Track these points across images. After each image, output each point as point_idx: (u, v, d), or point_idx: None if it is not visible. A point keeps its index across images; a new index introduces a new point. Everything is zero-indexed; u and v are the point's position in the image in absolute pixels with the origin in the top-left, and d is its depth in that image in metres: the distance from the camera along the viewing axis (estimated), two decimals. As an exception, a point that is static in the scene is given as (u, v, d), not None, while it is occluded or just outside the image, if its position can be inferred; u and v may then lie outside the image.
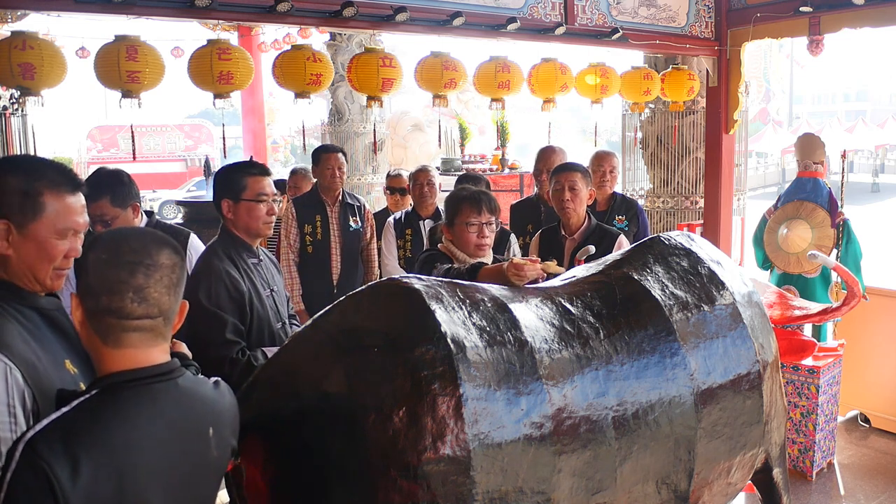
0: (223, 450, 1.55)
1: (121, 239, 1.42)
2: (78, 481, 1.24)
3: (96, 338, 1.39)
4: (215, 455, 1.51)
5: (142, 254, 1.39)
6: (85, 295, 1.39)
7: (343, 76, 7.19)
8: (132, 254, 1.38)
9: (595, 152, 4.58)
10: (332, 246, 4.36)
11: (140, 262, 1.38)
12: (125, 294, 1.36)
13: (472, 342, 1.79)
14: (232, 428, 1.60)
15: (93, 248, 1.42)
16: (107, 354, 1.39)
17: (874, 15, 4.79)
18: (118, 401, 1.34)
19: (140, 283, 1.37)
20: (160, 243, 1.43)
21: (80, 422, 1.30)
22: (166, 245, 1.44)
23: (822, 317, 2.83)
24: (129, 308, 1.37)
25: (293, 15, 3.86)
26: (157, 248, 1.41)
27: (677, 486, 2.11)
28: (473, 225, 2.83)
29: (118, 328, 1.37)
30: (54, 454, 1.23)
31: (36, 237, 1.57)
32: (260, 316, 2.62)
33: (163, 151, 24.14)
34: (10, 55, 3.24)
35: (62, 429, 1.28)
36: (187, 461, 1.43)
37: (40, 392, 1.47)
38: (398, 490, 1.64)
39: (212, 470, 1.53)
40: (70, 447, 1.25)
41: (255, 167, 2.73)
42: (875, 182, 25.84)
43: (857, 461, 4.33)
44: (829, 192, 5.02)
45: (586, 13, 4.93)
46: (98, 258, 1.39)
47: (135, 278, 1.37)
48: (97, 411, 1.32)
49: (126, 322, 1.37)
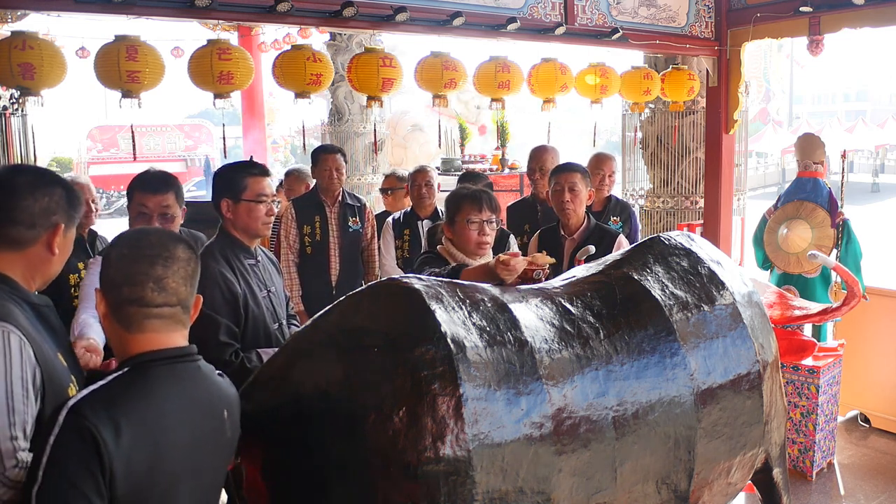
0: (234, 433, 1.66)
1: (141, 236, 1.57)
2: (120, 445, 1.33)
3: (119, 327, 1.50)
4: (229, 436, 1.62)
5: (160, 248, 1.52)
6: (108, 288, 1.50)
7: (343, 76, 7.18)
8: (151, 248, 1.51)
9: (594, 154, 4.58)
10: (331, 246, 4.35)
11: (159, 255, 1.51)
12: (146, 284, 1.48)
13: (472, 342, 1.79)
14: (239, 415, 1.70)
15: (114, 245, 1.56)
16: (131, 340, 1.49)
17: (874, 15, 4.79)
18: (149, 377, 1.45)
19: (159, 274, 1.49)
20: (176, 239, 1.57)
21: (119, 393, 1.40)
22: (181, 241, 1.58)
23: (822, 317, 2.83)
24: (149, 296, 1.48)
25: (293, 15, 3.85)
26: (173, 243, 1.55)
27: (677, 486, 2.12)
28: (474, 223, 2.84)
29: (140, 315, 1.48)
30: (99, 418, 1.32)
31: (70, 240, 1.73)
32: (255, 317, 2.62)
33: (163, 151, 24.10)
34: (10, 55, 3.24)
35: (103, 398, 1.37)
36: (207, 439, 1.54)
37: (47, 373, 1.54)
38: (398, 490, 1.64)
39: (225, 450, 1.63)
40: (113, 413, 1.34)
41: (256, 167, 2.73)
42: (875, 182, 25.82)
43: (857, 461, 4.33)
44: (829, 192, 5.02)
45: (586, 13, 4.93)
46: (120, 253, 1.52)
47: (154, 269, 1.49)
48: (132, 385, 1.42)
49: (147, 310, 1.49)
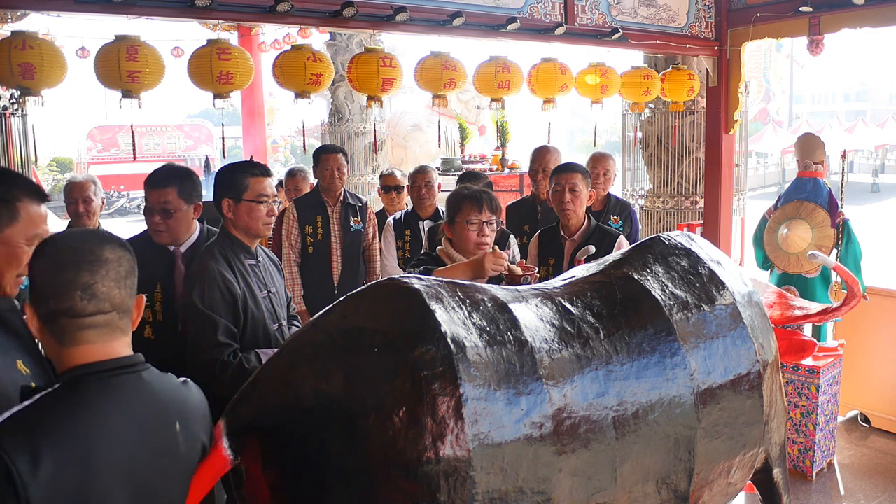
0: (192, 446, 1.54)
1: (60, 241, 1.44)
2: (39, 473, 1.24)
3: (53, 341, 1.40)
4: (183, 451, 1.51)
5: (82, 251, 1.40)
6: (36, 302, 1.40)
7: (343, 76, 7.20)
8: (73, 253, 1.40)
9: (591, 154, 4.59)
10: (333, 246, 4.36)
11: (83, 259, 1.39)
12: (73, 293, 1.37)
13: (472, 342, 1.79)
14: (202, 425, 1.60)
15: (37, 256, 1.44)
16: (66, 354, 1.39)
17: (874, 15, 4.79)
18: (80, 393, 1.35)
19: (86, 281, 1.38)
20: (101, 239, 1.45)
21: (43, 414, 1.31)
22: (109, 240, 1.45)
23: (822, 317, 2.83)
24: (79, 306, 1.38)
25: (293, 15, 3.86)
26: (97, 244, 1.42)
27: (677, 486, 2.12)
28: (474, 223, 2.84)
29: (72, 327, 1.38)
30: (15, 446, 1.24)
31: (9, 242, 1.63)
32: (255, 318, 2.63)
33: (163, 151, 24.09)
34: (10, 55, 3.24)
35: (24, 421, 1.29)
36: (153, 455, 1.43)
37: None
38: (398, 490, 1.64)
39: (180, 466, 1.52)
40: (32, 439, 1.26)
41: (257, 168, 2.74)
42: (875, 182, 25.83)
43: (857, 461, 4.33)
44: (829, 192, 5.02)
45: (586, 13, 4.94)
46: (42, 264, 1.41)
47: (80, 276, 1.38)
48: (60, 404, 1.33)
49: (79, 320, 1.38)
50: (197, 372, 2.57)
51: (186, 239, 2.90)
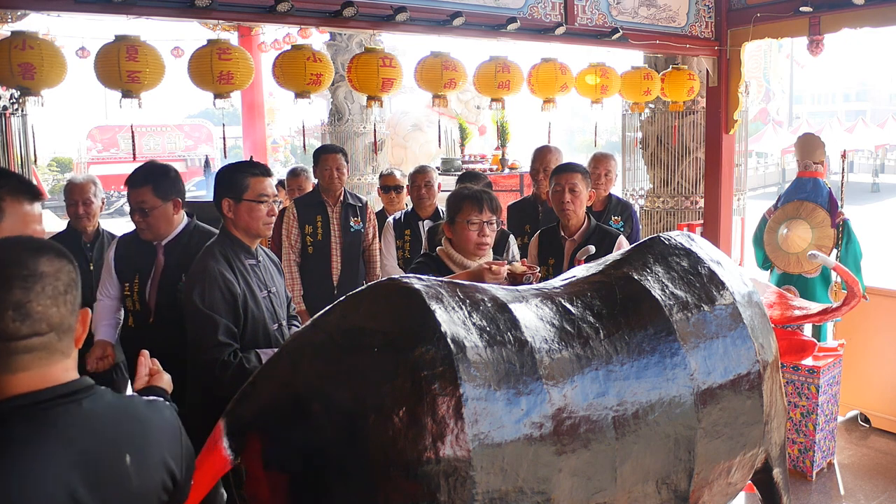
0: (148, 476, 1.35)
1: None
2: None
3: None
4: (135, 485, 1.31)
5: (14, 265, 1.22)
6: None
7: (343, 76, 7.19)
8: (2, 267, 1.22)
9: (593, 154, 4.59)
10: (333, 246, 4.36)
11: (14, 274, 1.21)
12: (4, 313, 1.20)
13: (472, 342, 1.79)
14: (170, 449, 1.42)
15: None
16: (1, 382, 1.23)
17: (874, 15, 4.79)
18: (8, 430, 1.19)
19: (19, 299, 1.21)
20: (35, 250, 1.26)
21: None
22: (44, 251, 1.27)
23: (822, 317, 2.83)
24: (11, 328, 1.20)
25: (293, 15, 3.86)
26: (31, 255, 1.24)
27: (677, 486, 2.12)
28: (474, 223, 2.84)
29: (4, 353, 1.21)
30: None
31: None
32: (255, 317, 2.63)
33: (163, 151, 24.08)
34: (10, 55, 3.24)
35: None
36: (94, 492, 1.24)
37: None
38: (398, 490, 1.64)
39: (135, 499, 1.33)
40: None
41: (258, 167, 2.74)
42: (875, 182, 25.82)
43: (857, 461, 4.33)
44: (829, 192, 5.02)
45: (586, 13, 4.94)
46: None
47: (11, 294, 1.20)
48: None
49: (12, 344, 1.21)
50: (197, 372, 2.58)
51: (169, 234, 3.00)
